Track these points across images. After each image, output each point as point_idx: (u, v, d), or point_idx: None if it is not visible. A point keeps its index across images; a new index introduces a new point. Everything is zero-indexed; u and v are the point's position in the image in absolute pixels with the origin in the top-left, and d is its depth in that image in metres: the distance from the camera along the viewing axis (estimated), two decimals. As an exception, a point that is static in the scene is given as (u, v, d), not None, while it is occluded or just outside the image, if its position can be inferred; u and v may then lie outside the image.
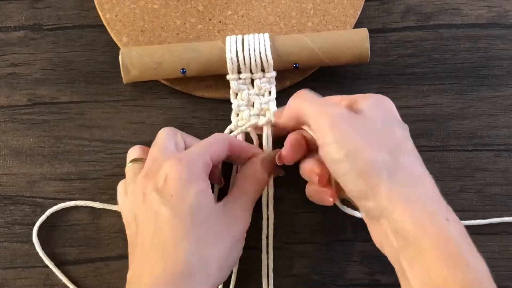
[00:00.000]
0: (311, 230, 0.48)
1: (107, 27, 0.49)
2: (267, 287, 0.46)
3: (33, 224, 0.47)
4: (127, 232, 0.42)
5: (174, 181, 0.39)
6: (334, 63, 0.46)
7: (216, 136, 0.43)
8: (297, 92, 0.43)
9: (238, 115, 0.47)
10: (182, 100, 0.49)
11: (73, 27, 0.50)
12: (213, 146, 0.42)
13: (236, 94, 0.47)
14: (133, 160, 0.44)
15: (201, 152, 0.41)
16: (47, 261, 0.47)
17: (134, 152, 0.45)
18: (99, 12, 0.49)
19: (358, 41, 0.46)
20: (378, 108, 0.40)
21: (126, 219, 0.42)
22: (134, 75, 0.46)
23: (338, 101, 0.42)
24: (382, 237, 0.39)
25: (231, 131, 0.47)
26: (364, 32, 0.46)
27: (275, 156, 0.45)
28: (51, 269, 0.47)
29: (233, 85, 0.47)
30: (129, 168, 0.44)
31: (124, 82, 0.47)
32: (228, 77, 0.47)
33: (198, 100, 0.49)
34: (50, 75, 0.50)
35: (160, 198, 0.39)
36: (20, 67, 0.50)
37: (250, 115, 0.46)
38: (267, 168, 0.44)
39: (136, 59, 0.46)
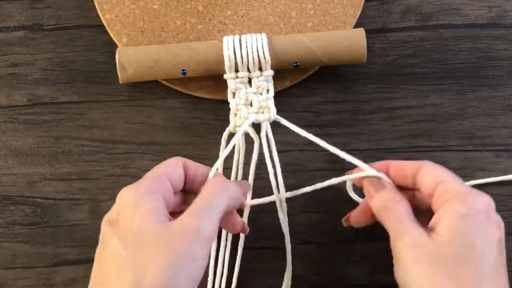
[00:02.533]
0: (311, 230, 0.48)
1: (107, 28, 0.49)
2: None
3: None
4: None
5: (123, 209, 0.37)
6: (332, 62, 0.46)
7: (169, 159, 0.40)
8: (386, 191, 0.41)
9: (236, 115, 0.47)
10: (182, 100, 0.49)
11: (73, 27, 0.50)
12: (167, 167, 0.39)
13: (234, 94, 0.47)
14: None
15: (152, 173, 0.39)
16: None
17: None
18: (99, 12, 0.49)
19: (355, 39, 0.46)
20: (463, 225, 0.37)
21: None
22: (130, 74, 0.46)
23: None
24: None
25: (230, 133, 0.47)
26: (360, 31, 0.46)
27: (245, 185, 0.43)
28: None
29: (230, 84, 0.46)
30: None
31: (120, 82, 0.47)
32: (225, 76, 0.46)
33: (198, 100, 0.49)
34: (50, 75, 0.50)
35: (110, 229, 0.36)
36: (20, 67, 0.50)
37: (249, 113, 0.46)
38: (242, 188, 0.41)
39: (133, 57, 0.46)
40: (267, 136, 0.46)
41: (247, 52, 0.46)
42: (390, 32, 0.50)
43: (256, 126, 0.47)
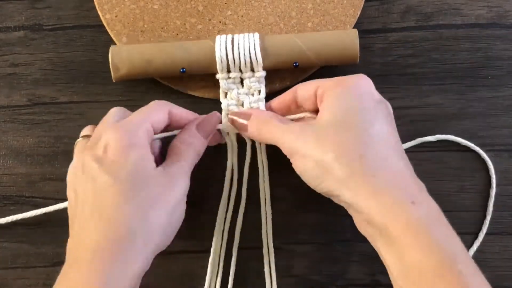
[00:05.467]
0: (311, 230, 0.48)
1: (107, 28, 0.49)
2: (271, 286, 0.46)
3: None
4: (68, 206, 0.42)
5: (114, 147, 0.39)
6: (324, 63, 0.46)
7: (155, 103, 0.43)
8: (253, 116, 0.44)
9: (228, 115, 0.47)
10: (182, 100, 0.49)
11: (73, 27, 0.50)
12: (153, 113, 0.42)
13: (226, 94, 0.47)
14: (83, 136, 0.44)
15: (141, 119, 0.41)
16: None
17: (85, 129, 0.45)
18: (99, 12, 0.49)
19: (348, 41, 0.46)
20: (340, 101, 0.40)
21: (68, 192, 0.42)
22: (123, 73, 0.46)
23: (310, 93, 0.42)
24: (360, 224, 0.40)
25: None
26: (354, 32, 0.46)
27: (210, 120, 0.45)
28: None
29: (222, 84, 0.47)
30: (76, 144, 0.44)
31: (114, 80, 0.47)
32: (217, 76, 0.47)
33: (197, 100, 0.49)
34: (50, 75, 0.50)
35: (100, 166, 0.39)
36: (20, 67, 0.50)
37: None
38: (204, 132, 0.44)
39: (126, 56, 0.46)
40: None
41: (239, 53, 0.46)
42: (390, 32, 0.50)
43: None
